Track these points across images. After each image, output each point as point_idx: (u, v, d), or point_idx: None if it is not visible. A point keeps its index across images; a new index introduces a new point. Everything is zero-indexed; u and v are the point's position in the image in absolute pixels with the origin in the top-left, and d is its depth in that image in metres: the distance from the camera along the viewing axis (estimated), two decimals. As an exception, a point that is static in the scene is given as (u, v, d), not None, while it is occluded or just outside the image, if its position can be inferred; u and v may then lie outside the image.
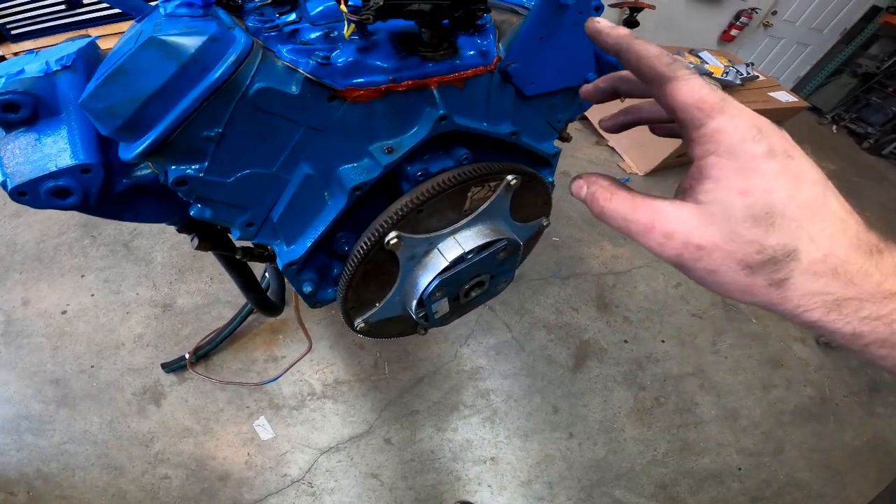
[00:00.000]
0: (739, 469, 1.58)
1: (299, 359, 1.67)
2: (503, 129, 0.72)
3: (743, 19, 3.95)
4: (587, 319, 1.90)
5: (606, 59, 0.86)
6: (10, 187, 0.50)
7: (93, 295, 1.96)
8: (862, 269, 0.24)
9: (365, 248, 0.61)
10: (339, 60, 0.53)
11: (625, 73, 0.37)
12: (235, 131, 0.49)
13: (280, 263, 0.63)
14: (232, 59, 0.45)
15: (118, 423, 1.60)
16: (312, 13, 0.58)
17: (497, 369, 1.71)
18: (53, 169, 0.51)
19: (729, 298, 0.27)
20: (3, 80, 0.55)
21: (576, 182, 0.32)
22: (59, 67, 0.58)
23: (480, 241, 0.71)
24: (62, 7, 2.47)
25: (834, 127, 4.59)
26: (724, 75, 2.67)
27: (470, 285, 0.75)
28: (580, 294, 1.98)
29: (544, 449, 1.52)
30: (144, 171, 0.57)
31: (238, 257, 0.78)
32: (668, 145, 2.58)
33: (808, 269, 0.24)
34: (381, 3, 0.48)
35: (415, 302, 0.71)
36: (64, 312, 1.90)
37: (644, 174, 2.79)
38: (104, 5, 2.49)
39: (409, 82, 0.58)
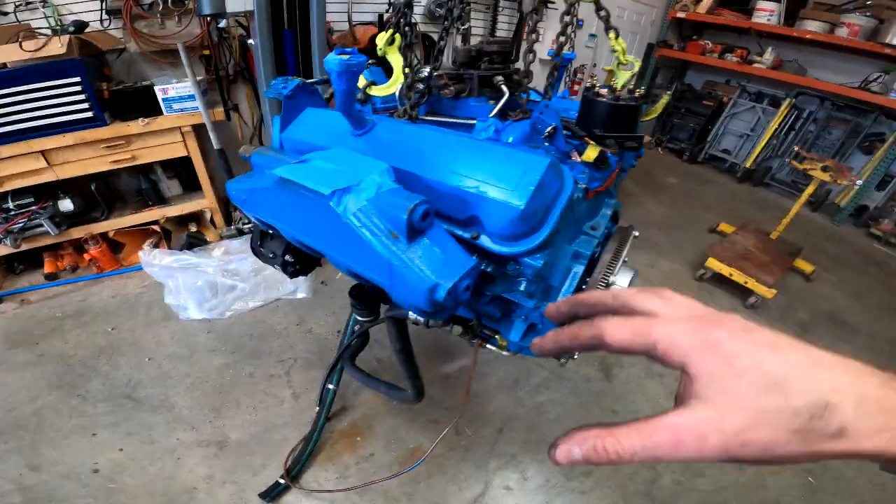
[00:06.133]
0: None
1: (448, 427, 1.66)
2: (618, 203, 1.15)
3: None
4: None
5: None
6: (444, 290, 0.62)
7: (121, 449, 1.77)
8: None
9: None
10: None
11: (582, 298, 0.40)
12: (562, 227, 0.81)
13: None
14: (573, 177, 0.79)
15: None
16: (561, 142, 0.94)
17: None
18: (467, 269, 0.65)
19: (801, 462, 0.26)
20: (372, 187, 0.66)
21: (559, 450, 0.30)
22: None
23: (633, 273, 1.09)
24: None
25: (659, 149, 5.61)
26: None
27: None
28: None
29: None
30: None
31: (473, 341, 1.02)
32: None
33: (856, 413, 0.25)
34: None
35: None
36: (96, 471, 1.67)
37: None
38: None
39: (605, 184, 0.97)
